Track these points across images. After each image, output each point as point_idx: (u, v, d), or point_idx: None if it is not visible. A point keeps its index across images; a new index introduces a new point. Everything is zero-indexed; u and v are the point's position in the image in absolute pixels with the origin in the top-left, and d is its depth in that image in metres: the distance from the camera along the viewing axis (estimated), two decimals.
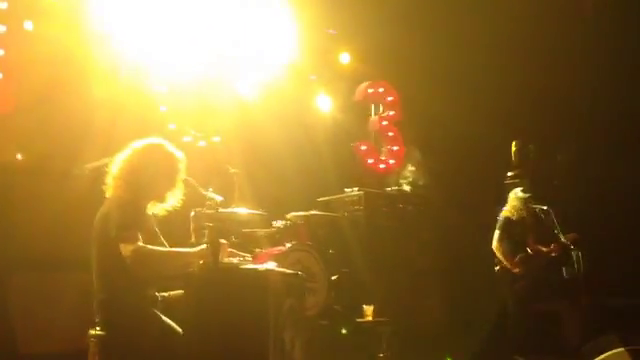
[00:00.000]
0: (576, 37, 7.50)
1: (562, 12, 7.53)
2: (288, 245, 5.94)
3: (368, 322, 5.97)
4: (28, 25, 5.79)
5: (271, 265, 5.54)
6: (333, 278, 6.19)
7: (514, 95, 7.91)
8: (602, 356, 3.55)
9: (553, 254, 6.59)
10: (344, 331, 6.11)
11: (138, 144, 3.68)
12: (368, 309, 6.05)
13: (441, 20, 8.04)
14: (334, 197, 7.76)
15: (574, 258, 6.30)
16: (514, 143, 8.16)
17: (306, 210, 6.51)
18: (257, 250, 5.88)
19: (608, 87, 7.41)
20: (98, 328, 3.37)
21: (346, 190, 7.79)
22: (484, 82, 8.05)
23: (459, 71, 8.09)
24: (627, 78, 7.34)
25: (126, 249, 3.25)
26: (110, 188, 3.58)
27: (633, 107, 7.32)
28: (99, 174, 3.75)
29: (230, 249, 3.78)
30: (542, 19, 7.54)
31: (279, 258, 5.64)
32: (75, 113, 5.70)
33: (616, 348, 3.53)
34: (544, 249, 6.69)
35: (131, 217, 3.36)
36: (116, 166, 3.63)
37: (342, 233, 7.30)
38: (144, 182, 3.55)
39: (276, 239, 6.19)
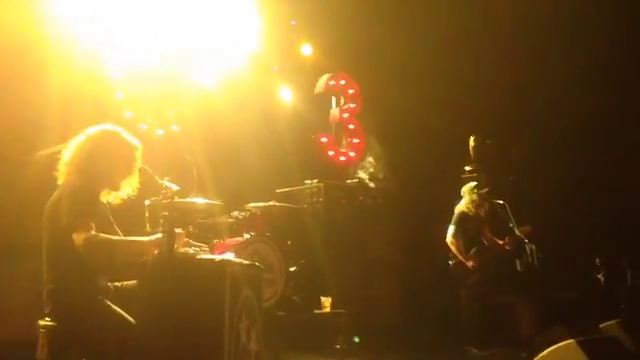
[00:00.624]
0: (531, 34, 7.63)
1: (518, 9, 7.64)
2: (246, 236, 5.92)
3: (325, 313, 5.98)
4: None
5: (229, 256, 5.54)
6: (291, 269, 6.19)
7: (473, 90, 8.02)
8: (552, 347, 3.64)
9: (507, 247, 6.70)
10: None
11: (93, 130, 3.59)
12: (326, 300, 6.08)
13: (401, 14, 8.10)
14: (294, 188, 7.76)
15: (528, 252, 6.42)
16: (472, 138, 8.27)
17: (266, 201, 6.49)
18: (215, 240, 5.84)
19: (563, 84, 7.56)
20: (48, 319, 3.30)
21: (306, 182, 7.79)
22: (444, 77, 8.14)
23: (420, 65, 8.17)
24: (582, 75, 7.50)
25: (78, 237, 3.17)
26: (62, 174, 3.49)
27: (588, 104, 7.49)
28: (53, 161, 3.65)
29: (186, 239, 3.74)
30: (499, 15, 7.65)
31: (237, 249, 5.62)
32: (30, 100, 5.57)
33: (565, 340, 3.61)
34: (499, 242, 6.80)
35: (84, 205, 3.28)
36: (69, 152, 3.54)
37: (301, 224, 7.31)
38: (98, 169, 3.47)
39: (234, 230, 6.16)
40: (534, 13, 7.55)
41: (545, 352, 3.62)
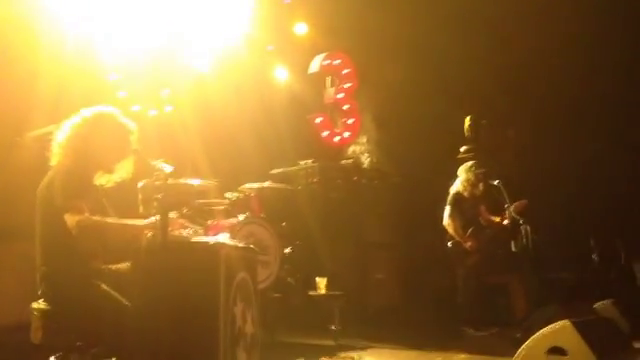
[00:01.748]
0: (533, 16, 7.56)
1: None
2: (241, 217, 5.89)
3: (321, 295, 5.98)
4: None
5: (223, 237, 5.52)
6: (286, 251, 6.18)
7: (470, 69, 7.95)
8: (547, 328, 3.63)
9: (505, 222, 6.68)
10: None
11: (88, 112, 3.54)
12: (321, 282, 6.06)
13: None
14: (289, 169, 7.73)
15: (522, 233, 6.40)
16: (468, 118, 8.23)
17: (261, 182, 6.46)
18: (209, 222, 5.81)
19: (562, 64, 7.51)
20: (41, 301, 3.28)
21: (301, 162, 7.76)
22: (440, 56, 8.08)
23: (416, 44, 8.09)
24: (581, 54, 7.44)
25: (71, 219, 3.14)
26: (56, 156, 3.44)
27: (585, 84, 7.45)
28: (45, 142, 3.60)
29: (181, 220, 3.71)
30: None
31: (232, 230, 5.59)
32: (21, 81, 5.51)
33: (560, 320, 3.61)
34: (496, 219, 6.79)
35: (77, 187, 3.25)
36: (63, 133, 3.49)
37: (296, 205, 7.29)
38: (92, 152, 3.43)
39: (229, 211, 6.13)
40: None
41: (540, 332, 3.62)
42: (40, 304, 3.27)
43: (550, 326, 3.59)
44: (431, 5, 7.94)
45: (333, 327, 5.81)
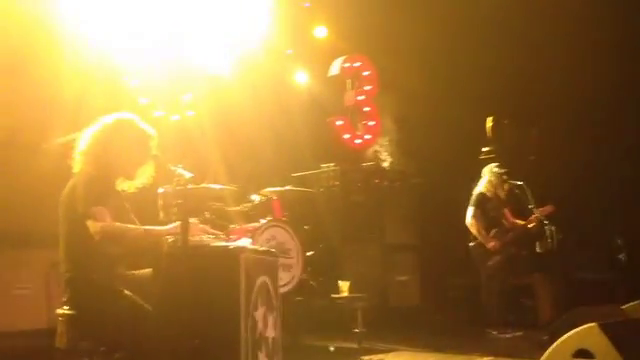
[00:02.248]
0: (554, 17, 7.47)
1: None
2: (263, 221, 5.89)
3: (343, 298, 5.95)
4: None
5: (245, 241, 5.53)
6: (308, 254, 6.16)
7: (490, 70, 7.88)
8: (574, 331, 3.56)
9: (530, 225, 6.61)
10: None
11: (108, 119, 3.56)
12: (344, 285, 6.04)
13: None
14: (310, 172, 7.73)
15: (547, 233, 6.33)
16: (489, 118, 8.16)
17: (281, 185, 6.46)
18: (231, 226, 5.83)
19: (583, 63, 7.40)
20: (66, 307, 3.31)
21: (322, 165, 7.75)
22: (461, 58, 8.02)
23: (436, 46, 8.05)
24: (602, 56, 7.34)
25: (94, 226, 3.17)
26: (78, 163, 3.47)
27: (609, 81, 7.34)
28: (68, 149, 3.64)
29: (203, 226, 3.72)
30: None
31: (254, 234, 5.60)
32: (44, 86, 5.58)
33: (587, 322, 3.54)
34: (521, 222, 6.72)
35: (99, 193, 3.27)
36: (85, 141, 3.52)
37: (317, 209, 7.29)
38: (113, 158, 3.45)
39: (251, 215, 6.14)
40: None
41: (566, 335, 3.55)
42: (65, 310, 3.30)
43: (577, 329, 3.53)
44: (452, 7, 7.89)
45: (356, 330, 5.78)
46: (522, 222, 6.72)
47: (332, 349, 5.74)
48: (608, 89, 7.36)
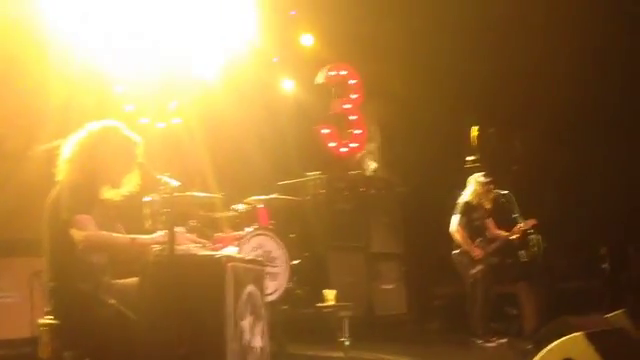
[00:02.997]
0: (539, 23, 7.54)
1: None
2: (248, 229, 5.87)
3: (329, 307, 5.94)
4: None
5: (232, 250, 5.50)
6: (294, 262, 6.15)
7: (475, 80, 7.94)
8: (559, 340, 3.58)
9: (513, 237, 6.65)
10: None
11: (94, 126, 3.54)
12: (329, 293, 6.03)
13: (405, 3, 8.01)
14: (296, 180, 7.72)
15: (533, 242, 6.37)
16: (474, 128, 8.21)
17: (267, 194, 6.45)
18: (217, 234, 5.80)
19: (569, 73, 7.48)
20: (50, 316, 3.27)
21: (308, 174, 7.75)
22: (446, 66, 8.07)
23: (422, 55, 8.09)
24: (588, 65, 7.41)
25: (78, 235, 3.14)
26: (62, 171, 3.44)
27: (591, 93, 7.41)
28: (52, 156, 3.61)
29: (189, 235, 3.70)
30: (505, 6, 7.55)
31: (240, 242, 5.58)
32: (29, 94, 5.54)
33: (573, 332, 3.56)
34: (504, 233, 6.76)
35: (84, 201, 3.24)
36: (69, 148, 3.49)
37: (304, 217, 7.28)
38: (98, 166, 3.42)
39: (236, 223, 6.12)
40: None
41: (552, 345, 3.57)
42: (49, 319, 3.26)
43: (563, 338, 3.54)
44: (436, 15, 7.93)
45: (342, 339, 5.77)
46: (505, 233, 6.76)
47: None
48: (593, 98, 7.44)
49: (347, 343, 5.48)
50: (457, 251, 6.73)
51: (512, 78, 7.85)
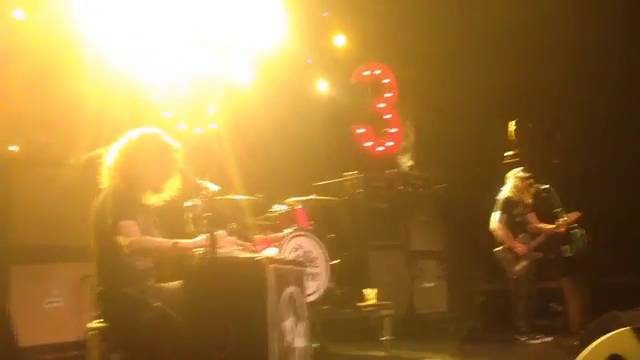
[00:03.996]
0: (573, 19, 7.40)
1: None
2: (288, 230, 5.90)
3: (369, 306, 5.94)
4: (18, 14, 5.73)
5: (272, 251, 5.54)
6: (334, 262, 6.16)
7: (511, 75, 7.84)
8: (605, 336, 3.51)
9: (559, 230, 6.53)
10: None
11: (133, 134, 3.62)
12: (370, 293, 6.03)
13: (437, 2, 7.96)
14: (333, 181, 7.74)
15: (576, 236, 6.26)
16: (513, 122, 8.11)
17: (305, 195, 6.47)
18: (257, 236, 5.85)
19: (608, 66, 7.32)
20: (98, 320, 3.34)
21: (345, 174, 7.76)
22: (482, 63, 7.98)
23: (453, 53, 8.02)
24: (627, 57, 7.25)
25: (124, 240, 3.21)
26: (106, 178, 3.53)
27: (632, 83, 7.25)
28: (95, 164, 3.69)
29: (230, 237, 3.74)
30: (538, 3, 7.44)
31: (279, 244, 5.62)
32: (69, 102, 5.66)
33: (620, 327, 3.49)
34: (548, 226, 6.65)
35: (127, 206, 3.32)
36: (112, 156, 3.58)
37: (342, 217, 7.28)
38: (139, 172, 3.50)
39: (276, 225, 6.16)
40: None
41: (598, 341, 3.50)
42: (97, 323, 3.34)
43: (609, 334, 3.48)
44: (470, 14, 7.86)
45: (384, 338, 5.77)
46: (549, 226, 6.65)
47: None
48: (632, 91, 7.28)
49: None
50: (500, 248, 6.65)
51: (551, 74, 7.71)
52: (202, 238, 3.31)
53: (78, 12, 5.54)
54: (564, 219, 6.43)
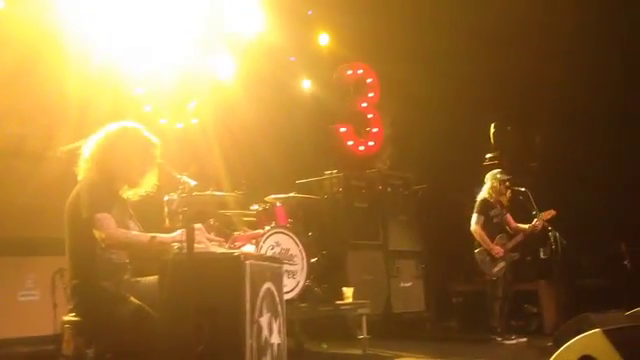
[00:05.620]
0: (557, 21, 7.48)
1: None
2: (267, 227, 5.90)
3: (347, 304, 5.97)
4: None
5: (250, 248, 5.54)
6: (312, 260, 6.18)
7: (492, 76, 7.90)
8: (578, 337, 3.56)
9: (537, 229, 6.60)
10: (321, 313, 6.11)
11: (112, 127, 3.58)
12: (347, 291, 6.06)
13: (421, 2, 8.00)
14: (313, 179, 7.75)
15: (551, 239, 6.33)
16: (493, 125, 8.18)
17: (285, 192, 6.48)
18: (236, 233, 5.85)
19: (588, 69, 7.41)
20: (72, 314, 3.32)
21: (325, 172, 7.77)
22: (462, 63, 8.04)
23: (439, 52, 8.07)
24: (605, 64, 7.34)
25: (99, 234, 3.19)
26: (82, 171, 3.49)
27: (611, 88, 7.34)
28: (73, 156, 3.66)
29: (207, 235, 3.73)
30: (523, 5, 7.51)
31: (258, 240, 5.62)
32: (49, 94, 5.60)
33: (592, 329, 3.54)
34: (525, 226, 6.71)
35: (103, 199, 3.29)
36: (89, 148, 3.54)
37: (321, 215, 7.30)
38: (117, 165, 3.47)
39: (255, 222, 6.16)
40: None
41: (571, 342, 3.55)
42: (71, 317, 3.32)
43: (581, 335, 3.52)
44: (453, 14, 7.91)
45: (361, 336, 5.79)
46: (526, 226, 6.71)
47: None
48: (611, 95, 7.37)
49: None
50: (478, 249, 6.71)
51: (531, 75, 7.80)
52: (179, 233, 3.30)
53: (59, 2, 5.50)
54: (541, 216, 6.50)
